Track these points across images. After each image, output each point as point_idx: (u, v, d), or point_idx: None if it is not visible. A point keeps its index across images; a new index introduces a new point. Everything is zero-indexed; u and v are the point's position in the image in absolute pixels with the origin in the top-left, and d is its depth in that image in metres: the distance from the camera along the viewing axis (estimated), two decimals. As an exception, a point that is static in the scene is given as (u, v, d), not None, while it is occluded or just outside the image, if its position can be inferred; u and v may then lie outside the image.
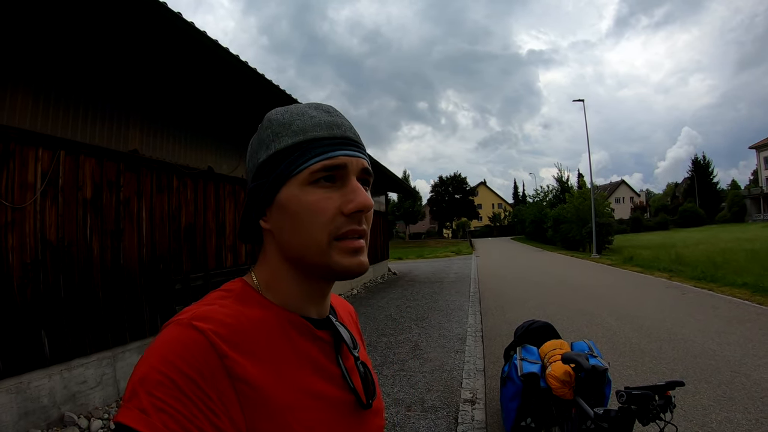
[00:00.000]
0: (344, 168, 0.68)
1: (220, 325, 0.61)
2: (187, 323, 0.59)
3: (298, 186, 0.67)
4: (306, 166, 0.66)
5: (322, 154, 0.67)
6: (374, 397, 0.77)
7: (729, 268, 13.00)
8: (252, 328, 0.64)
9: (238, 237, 0.79)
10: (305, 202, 0.66)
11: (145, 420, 0.51)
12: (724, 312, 8.49)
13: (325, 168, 0.66)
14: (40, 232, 3.93)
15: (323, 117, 0.70)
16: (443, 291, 13.00)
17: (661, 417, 1.92)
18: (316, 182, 0.67)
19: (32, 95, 3.95)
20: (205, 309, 0.63)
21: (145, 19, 3.94)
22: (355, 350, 0.78)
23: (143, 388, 0.53)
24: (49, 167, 4.02)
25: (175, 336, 0.59)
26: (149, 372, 0.54)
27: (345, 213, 0.66)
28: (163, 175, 5.51)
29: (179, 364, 0.55)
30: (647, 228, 56.55)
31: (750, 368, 5.25)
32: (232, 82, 5.69)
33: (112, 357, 4.59)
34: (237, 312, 0.65)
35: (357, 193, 0.67)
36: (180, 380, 0.54)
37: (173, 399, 0.53)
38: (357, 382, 0.75)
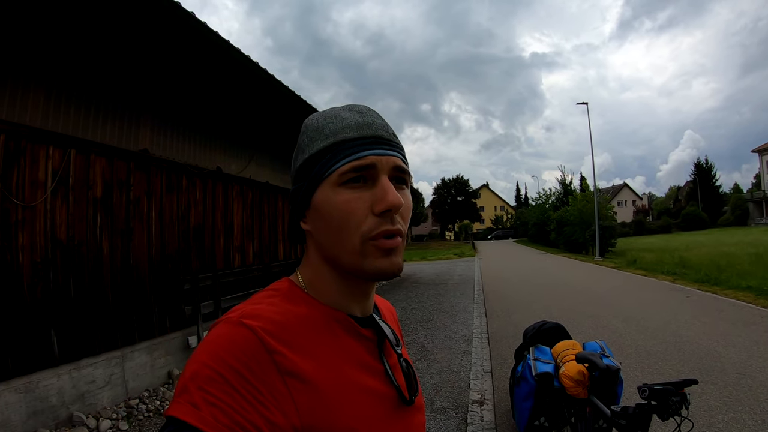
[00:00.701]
0: (373, 167, 0.68)
1: (269, 322, 0.62)
2: (237, 321, 0.61)
3: (329, 188, 0.68)
4: (335, 168, 0.68)
5: (351, 155, 0.68)
6: (416, 394, 0.78)
7: (732, 272, 12.94)
8: (299, 324, 0.66)
9: (288, 238, 0.81)
10: (336, 203, 0.67)
11: (196, 413, 0.52)
12: (728, 315, 8.47)
13: (354, 168, 0.67)
14: (51, 231, 3.95)
15: (354, 118, 0.71)
16: (447, 293, 12.97)
17: (679, 413, 1.94)
18: (346, 183, 0.67)
19: (44, 93, 3.96)
20: (253, 307, 0.65)
21: (158, 18, 3.98)
22: (398, 347, 0.80)
23: (194, 383, 0.54)
24: (60, 166, 4.03)
25: (225, 333, 0.60)
26: (200, 368, 0.56)
27: (375, 213, 0.67)
28: (173, 174, 5.53)
29: (229, 359, 0.56)
30: (650, 231, 56.41)
31: (755, 370, 5.24)
32: (242, 82, 5.73)
33: (121, 357, 4.60)
34: (285, 310, 0.66)
35: (386, 192, 0.67)
36: (230, 375, 0.55)
37: (223, 393, 0.54)
38: (400, 378, 0.76)
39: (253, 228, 7.52)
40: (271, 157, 8.39)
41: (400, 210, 0.69)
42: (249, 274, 7.18)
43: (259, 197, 7.76)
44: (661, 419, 1.97)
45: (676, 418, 1.95)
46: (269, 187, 8.12)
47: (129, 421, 4.33)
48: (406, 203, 0.71)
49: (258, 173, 7.77)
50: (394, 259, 0.69)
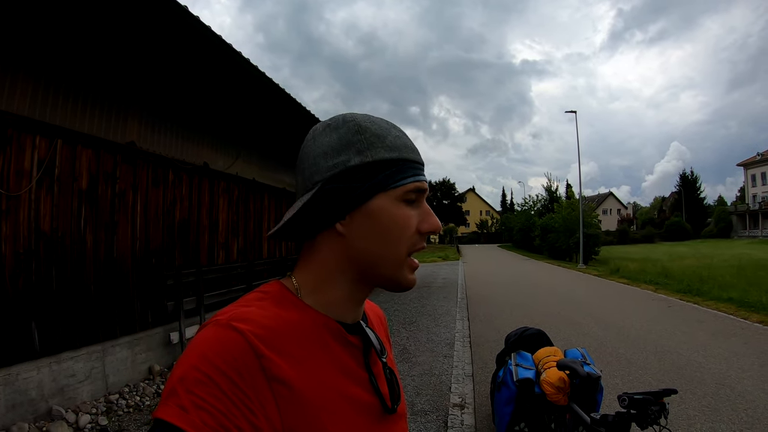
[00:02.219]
0: (424, 192, 0.74)
1: (258, 327, 0.61)
2: (226, 324, 0.60)
3: (391, 200, 0.70)
4: (402, 184, 0.71)
5: (415, 176, 0.72)
6: (399, 402, 0.78)
7: (714, 283, 13.15)
8: (289, 330, 0.65)
9: (271, 234, 0.76)
10: (398, 215, 0.70)
11: (184, 416, 0.52)
12: (709, 325, 8.59)
13: (417, 189, 0.72)
14: (35, 222, 3.89)
15: (407, 140, 0.76)
16: (431, 296, 13.00)
17: (658, 422, 1.96)
18: (405, 200, 0.71)
19: (32, 82, 3.91)
20: (243, 310, 0.64)
21: (152, 11, 3.95)
22: (383, 356, 0.80)
23: (182, 386, 0.54)
24: (46, 156, 3.98)
25: (214, 336, 0.59)
26: (188, 370, 0.55)
27: (421, 231, 0.72)
28: (159, 169, 5.49)
29: (218, 363, 0.56)
30: (633, 240, 57.16)
31: (734, 380, 5.32)
32: (232, 78, 5.70)
33: (101, 351, 4.54)
34: (274, 314, 0.66)
35: (432, 216, 0.74)
36: (219, 379, 0.55)
37: (212, 397, 0.53)
38: (383, 386, 0.76)
39: (239, 225, 7.48)
40: (258, 155, 8.36)
41: None
42: (233, 271, 7.14)
43: (246, 194, 7.72)
44: (640, 428, 2.00)
45: (655, 427, 1.98)
46: (256, 184, 8.08)
47: (109, 417, 4.28)
48: None
49: (245, 170, 7.73)
50: (415, 277, 0.76)
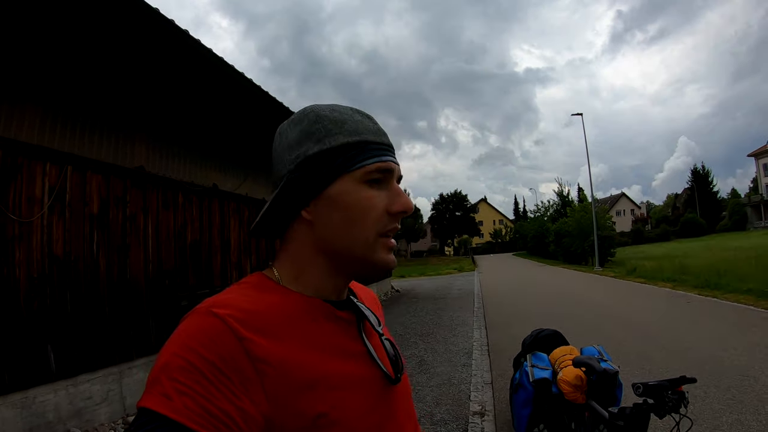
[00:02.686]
0: (391, 172, 0.73)
1: (238, 310, 0.62)
2: (206, 311, 0.61)
3: (352, 182, 0.70)
4: (362, 165, 0.70)
5: (377, 156, 0.72)
6: (402, 372, 0.78)
7: (732, 276, 12.96)
8: (271, 311, 0.66)
9: (251, 231, 0.80)
10: (360, 198, 0.70)
11: (167, 403, 0.52)
12: (729, 318, 8.46)
13: (379, 170, 0.71)
14: (47, 247, 3.95)
15: (371, 124, 0.75)
16: (447, 307, 12.93)
17: (677, 410, 1.93)
18: (367, 182, 0.71)
19: (41, 110, 4.01)
20: (223, 297, 0.65)
21: (153, 37, 4.03)
22: (379, 327, 0.80)
23: (165, 374, 0.55)
24: (57, 182, 4.05)
25: (194, 324, 0.60)
26: (170, 358, 0.56)
27: (391, 212, 0.72)
28: (169, 191, 5.54)
29: (199, 349, 0.56)
30: (649, 240, 56.47)
31: (758, 371, 5.22)
32: (237, 99, 5.77)
33: (118, 373, 4.57)
34: (255, 298, 0.67)
35: (402, 196, 0.73)
36: (200, 364, 0.55)
37: (194, 382, 0.54)
38: (383, 358, 0.76)
39: (250, 245, 7.51)
40: (266, 175, 8.41)
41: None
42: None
43: (256, 214, 7.70)
44: (658, 417, 1.97)
45: (675, 416, 1.94)
46: (265, 203, 8.11)
47: (127, 439, 4.29)
48: None
49: (254, 190, 7.79)
50: (394, 257, 0.75)
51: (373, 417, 0.69)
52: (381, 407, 0.71)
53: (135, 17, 3.77)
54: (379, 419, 0.70)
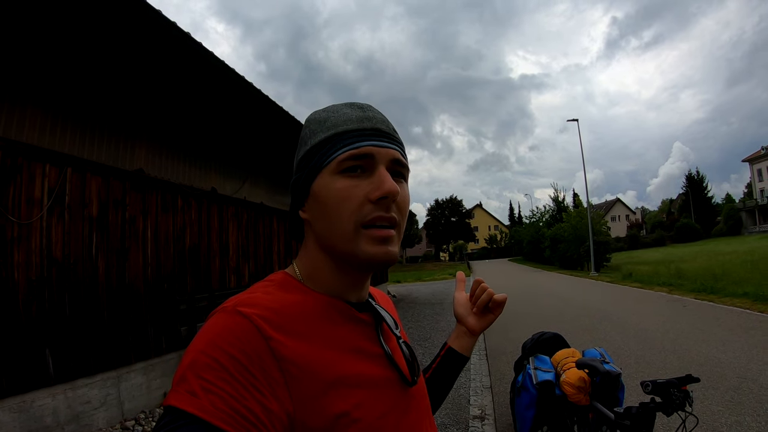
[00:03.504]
0: (371, 157, 0.70)
1: (265, 309, 0.62)
2: (233, 310, 0.61)
3: (328, 175, 0.70)
4: (335, 156, 0.70)
5: (350, 144, 0.69)
6: (418, 375, 0.79)
7: (728, 280, 13.06)
8: (295, 311, 0.66)
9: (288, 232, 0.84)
10: (333, 189, 0.69)
11: (195, 401, 0.52)
12: (726, 321, 8.50)
13: (352, 157, 0.69)
14: (46, 249, 3.92)
15: (356, 113, 0.73)
16: (444, 312, 12.91)
17: (683, 408, 1.94)
18: (344, 171, 0.69)
19: (41, 112, 3.99)
20: (248, 296, 0.66)
21: (155, 39, 4.04)
22: (396, 330, 0.81)
23: (192, 372, 0.55)
24: (56, 184, 4.03)
25: (221, 322, 0.60)
26: (197, 356, 0.56)
27: (371, 200, 0.68)
28: (168, 195, 5.52)
29: (226, 347, 0.56)
30: (644, 245, 56.73)
31: (756, 373, 5.25)
32: (237, 103, 5.78)
33: (116, 377, 4.53)
34: (280, 297, 0.67)
35: (383, 180, 0.68)
36: (227, 363, 0.55)
37: (221, 381, 0.54)
38: (401, 360, 0.77)
39: (249, 249, 7.49)
40: (265, 179, 8.42)
41: (397, 200, 0.70)
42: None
43: (255, 218, 7.75)
44: (666, 415, 1.98)
45: (681, 413, 1.96)
46: (264, 208, 8.11)
47: (126, 444, 4.26)
48: (403, 195, 0.72)
49: (253, 194, 7.78)
50: (389, 248, 0.70)
51: (391, 417, 0.69)
52: (398, 408, 0.72)
53: (138, 20, 3.77)
54: (396, 420, 0.70)
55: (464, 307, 1.08)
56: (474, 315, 1.05)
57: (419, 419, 0.77)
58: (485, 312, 1.04)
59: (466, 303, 1.08)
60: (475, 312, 1.05)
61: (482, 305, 1.03)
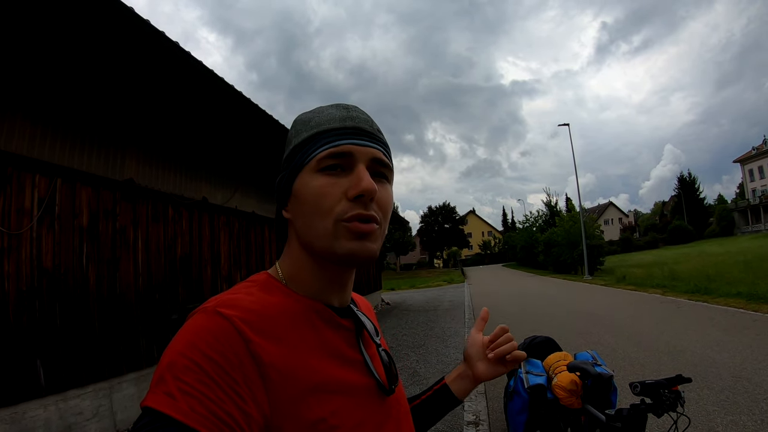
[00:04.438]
0: (350, 156, 0.70)
1: (245, 311, 0.62)
2: (213, 310, 0.61)
3: (308, 174, 0.70)
4: (315, 155, 0.70)
5: (330, 142, 0.70)
6: (396, 383, 0.78)
7: (722, 280, 13.14)
8: (276, 314, 0.66)
9: (276, 234, 0.83)
10: (312, 187, 0.69)
11: (172, 403, 0.52)
12: (720, 322, 8.54)
13: (331, 155, 0.69)
14: (37, 259, 3.89)
15: (339, 112, 0.74)
16: (438, 318, 12.91)
17: (674, 408, 1.94)
18: (323, 170, 0.69)
19: (30, 122, 3.97)
20: (230, 297, 0.65)
21: (143, 48, 4.03)
22: (376, 337, 0.80)
23: (170, 373, 0.54)
24: (46, 194, 4.01)
25: (201, 323, 0.59)
26: (176, 357, 0.55)
27: (349, 197, 0.68)
28: (159, 204, 5.50)
29: (205, 349, 0.56)
30: (637, 247, 56.94)
31: (751, 372, 5.27)
32: (225, 112, 5.77)
33: (108, 388, 4.49)
34: (262, 299, 0.67)
35: (361, 178, 0.68)
36: (206, 365, 0.55)
37: (200, 383, 0.53)
38: (379, 368, 0.77)
39: (240, 258, 7.47)
40: (256, 188, 8.38)
41: (377, 199, 0.70)
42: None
43: (246, 227, 7.73)
44: (656, 416, 1.98)
45: (672, 414, 1.96)
46: (255, 217, 8.09)
47: (118, 455, 4.22)
48: (384, 196, 0.72)
49: (244, 203, 7.76)
50: (368, 244, 0.69)
51: (368, 426, 0.69)
52: (376, 417, 0.71)
53: (126, 29, 3.76)
54: (374, 428, 0.70)
55: (478, 349, 1.05)
56: (485, 361, 1.03)
57: (397, 428, 0.77)
58: (498, 362, 1.02)
59: (481, 345, 1.05)
60: (489, 358, 1.02)
61: (500, 355, 1.00)
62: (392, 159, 0.79)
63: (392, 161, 0.78)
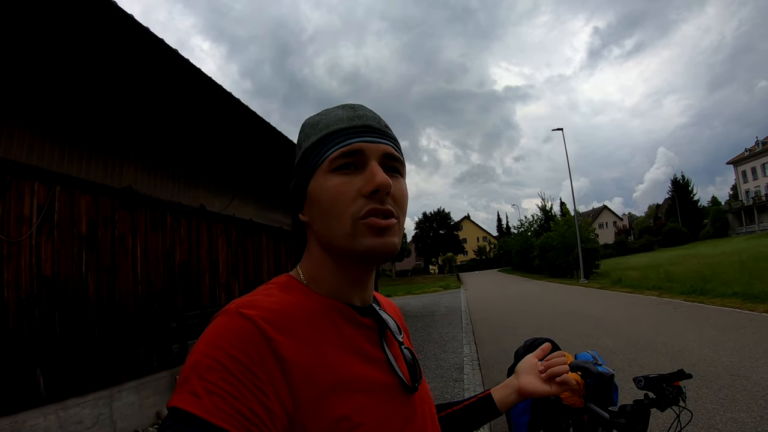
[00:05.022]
0: (361, 153, 0.70)
1: (267, 311, 0.63)
2: (235, 311, 0.62)
3: (322, 175, 0.71)
4: (327, 156, 0.71)
5: (340, 142, 0.71)
6: (420, 381, 0.79)
7: (718, 281, 13.20)
8: (297, 313, 0.67)
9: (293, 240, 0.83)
10: (326, 188, 0.70)
11: (197, 402, 0.53)
12: (717, 321, 8.58)
13: (343, 155, 0.70)
14: (36, 267, 3.88)
15: (347, 113, 0.75)
16: (436, 324, 12.91)
17: (677, 402, 1.95)
18: (336, 170, 0.70)
19: (29, 130, 3.97)
20: (251, 298, 0.66)
21: (142, 55, 4.05)
22: (399, 335, 0.81)
23: (195, 373, 0.55)
24: (45, 201, 4.00)
25: (224, 324, 0.60)
26: (200, 358, 0.56)
27: (364, 194, 0.68)
28: (157, 212, 5.51)
29: (228, 348, 0.57)
30: (632, 250, 57.00)
31: (749, 370, 5.30)
32: (223, 119, 5.77)
33: (108, 397, 4.47)
34: (282, 299, 0.68)
35: (374, 174, 0.69)
36: (230, 363, 0.55)
37: (224, 381, 0.54)
38: (402, 366, 0.77)
39: (238, 266, 7.46)
40: (254, 196, 8.37)
41: (392, 193, 0.71)
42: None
43: (243, 235, 7.72)
44: (660, 410, 1.99)
45: (675, 408, 1.97)
46: (253, 224, 8.09)
47: (119, 464, 4.19)
48: (399, 190, 0.73)
49: (241, 211, 7.75)
50: (388, 239, 0.70)
51: (392, 423, 0.69)
52: (399, 415, 0.71)
53: (126, 37, 3.77)
54: (398, 426, 0.70)
55: (529, 365, 1.10)
56: (534, 376, 1.07)
57: (423, 427, 0.77)
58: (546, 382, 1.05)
59: (533, 364, 1.10)
60: (542, 375, 1.06)
61: (552, 375, 1.03)
62: (402, 153, 0.80)
63: (403, 155, 0.79)
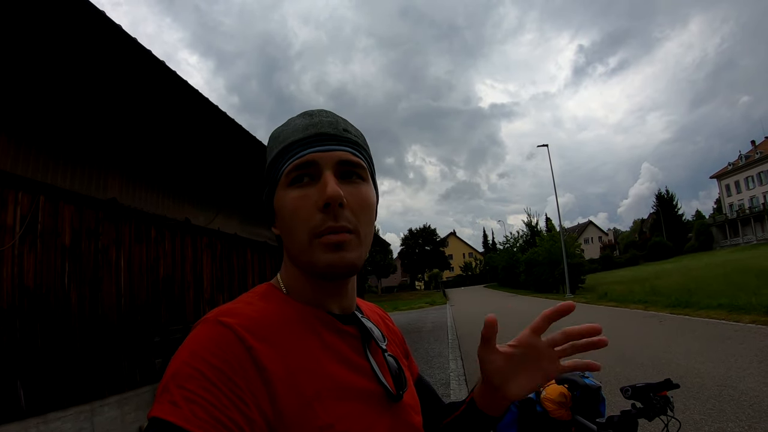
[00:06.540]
0: (315, 164, 0.69)
1: (246, 319, 0.63)
2: (214, 320, 0.61)
3: (282, 190, 0.71)
4: (283, 171, 0.71)
5: (295, 155, 0.70)
6: (405, 389, 0.77)
7: (703, 294, 13.34)
8: (277, 321, 0.66)
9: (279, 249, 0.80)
10: (285, 202, 0.70)
11: (176, 411, 0.52)
12: (703, 333, 8.66)
13: (296, 167, 0.69)
14: (18, 278, 3.81)
15: (304, 121, 0.73)
16: (422, 340, 12.89)
17: (665, 412, 1.96)
18: (292, 183, 0.70)
19: (14, 139, 3.92)
20: (231, 306, 0.66)
21: (128, 66, 4.03)
22: (383, 343, 0.79)
23: (174, 382, 0.55)
24: (29, 211, 3.95)
25: (203, 332, 0.60)
26: (179, 367, 0.56)
27: (318, 208, 0.67)
28: (142, 225, 5.45)
29: (207, 357, 0.56)
30: (618, 265, 57.55)
31: (735, 380, 5.34)
32: (209, 131, 5.75)
33: (90, 411, 4.36)
34: (262, 308, 0.67)
35: (327, 185, 0.67)
36: (209, 372, 0.55)
37: (203, 390, 0.54)
38: (386, 374, 0.76)
39: (223, 280, 7.39)
40: (239, 210, 8.32)
41: (349, 203, 0.69)
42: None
43: (228, 249, 7.67)
44: (647, 420, 2.00)
45: (663, 418, 1.98)
46: (238, 239, 8.03)
47: (100, 481, 4.09)
48: (358, 197, 0.71)
49: (226, 225, 7.69)
50: (344, 254, 0.67)
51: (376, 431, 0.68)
52: (383, 423, 0.71)
53: (113, 47, 3.75)
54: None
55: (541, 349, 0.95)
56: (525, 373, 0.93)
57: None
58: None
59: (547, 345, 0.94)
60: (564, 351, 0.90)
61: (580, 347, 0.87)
62: (369, 154, 0.79)
63: (368, 156, 0.78)
